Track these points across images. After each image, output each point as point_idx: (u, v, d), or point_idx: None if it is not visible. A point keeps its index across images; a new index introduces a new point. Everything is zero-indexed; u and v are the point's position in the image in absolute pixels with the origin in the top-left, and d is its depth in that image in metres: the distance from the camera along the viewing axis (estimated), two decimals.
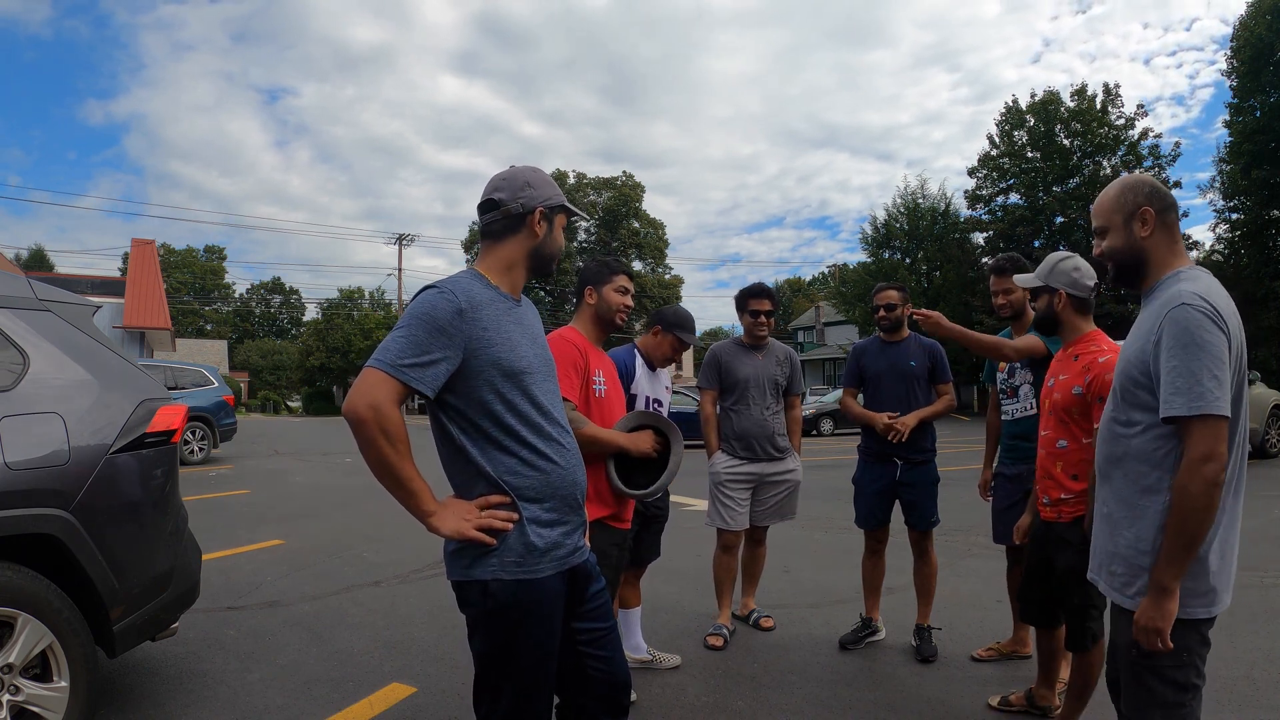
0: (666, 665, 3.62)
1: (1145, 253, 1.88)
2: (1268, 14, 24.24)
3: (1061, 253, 2.92)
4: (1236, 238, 27.15)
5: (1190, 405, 1.64)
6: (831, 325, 47.10)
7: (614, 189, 50.61)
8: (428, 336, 1.68)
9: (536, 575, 1.75)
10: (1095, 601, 2.64)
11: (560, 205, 1.91)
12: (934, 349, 4.03)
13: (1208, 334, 1.67)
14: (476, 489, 1.77)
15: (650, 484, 2.72)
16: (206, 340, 64.18)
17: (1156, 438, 1.77)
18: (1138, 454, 1.81)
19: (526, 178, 1.89)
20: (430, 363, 1.68)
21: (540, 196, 1.88)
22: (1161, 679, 1.78)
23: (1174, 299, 1.73)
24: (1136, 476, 1.81)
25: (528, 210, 1.86)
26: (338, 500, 9.00)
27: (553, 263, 1.94)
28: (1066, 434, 2.66)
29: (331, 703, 3.19)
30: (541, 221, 1.88)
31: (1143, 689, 1.81)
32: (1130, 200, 1.89)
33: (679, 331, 3.45)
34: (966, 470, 11.68)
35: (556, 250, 1.94)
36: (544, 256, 1.91)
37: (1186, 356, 1.66)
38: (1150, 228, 1.86)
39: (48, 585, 2.47)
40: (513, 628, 1.75)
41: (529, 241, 1.88)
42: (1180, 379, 1.66)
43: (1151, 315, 1.80)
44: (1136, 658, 1.80)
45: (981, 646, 3.79)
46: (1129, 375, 1.83)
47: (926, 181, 41.80)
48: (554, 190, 1.91)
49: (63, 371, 2.73)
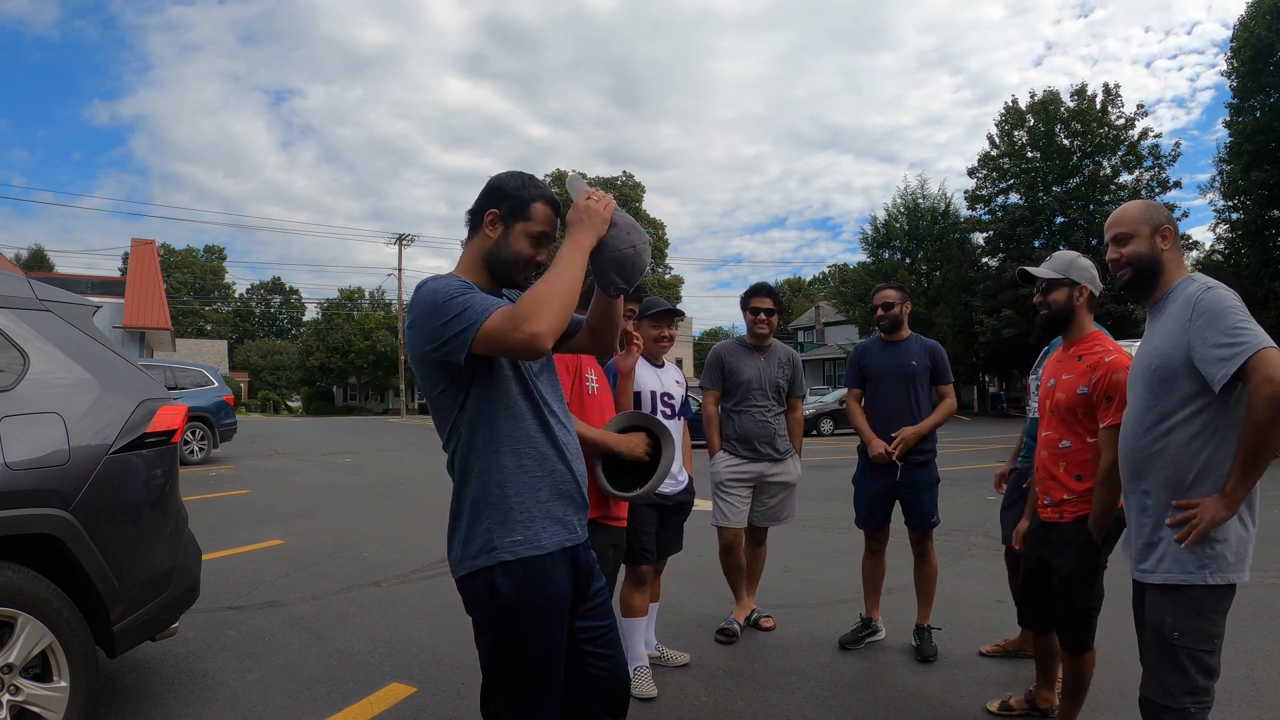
0: (675, 663, 3.62)
1: (1162, 264, 2.12)
2: (1267, 14, 24.22)
3: (1072, 251, 2.90)
4: (1236, 238, 27.14)
5: (1236, 359, 1.85)
6: (831, 325, 47.10)
7: (614, 189, 50.60)
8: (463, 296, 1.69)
9: (542, 551, 1.76)
10: (1097, 603, 2.64)
11: (513, 212, 1.82)
12: (935, 349, 4.02)
13: (1230, 299, 1.93)
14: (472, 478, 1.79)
15: (639, 486, 2.62)
16: (206, 340, 64.15)
17: (1198, 432, 1.95)
18: (1177, 450, 1.98)
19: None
20: None
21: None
22: (1195, 662, 1.94)
23: (1198, 290, 1.97)
24: (1180, 476, 1.98)
25: (481, 211, 1.86)
26: (338, 500, 9.00)
27: (512, 270, 1.85)
28: (1070, 434, 2.64)
29: (331, 703, 3.19)
30: (496, 224, 1.84)
31: (1176, 672, 1.96)
32: (1156, 215, 2.15)
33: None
34: (967, 470, 11.70)
35: (512, 257, 1.83)
36: (498, 260, 1.84)
37: (1220, 323, 1.89)
38: (1170, 243, 2.13)
39: (48, 585, 2.47)
40: (521, 622, 1.75)
41: (483, 243, 1.86)
42: (1221, 349, 1.87)
43: (1178, 310, 2.00)
44: (1179, 639, 1.96)
45: (989, 643, 3.80)
46: (1167, 369, 2.00)
47: (926, 181, 41.80)
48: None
49: (63, 371, 2.73)
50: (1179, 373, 1.96)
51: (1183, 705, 1.94)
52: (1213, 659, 1.96)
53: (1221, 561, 1.94)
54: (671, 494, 3.45)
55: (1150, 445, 2.04)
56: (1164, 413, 2.00)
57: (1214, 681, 1.97)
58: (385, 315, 53.38)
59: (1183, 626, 1.95)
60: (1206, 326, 1.90)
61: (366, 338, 51.31)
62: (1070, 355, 2.73)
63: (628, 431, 2.66)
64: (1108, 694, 3.17)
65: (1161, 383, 2.00)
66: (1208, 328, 1.90)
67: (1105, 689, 3.19)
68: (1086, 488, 2.57)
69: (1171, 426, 1.99)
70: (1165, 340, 2.01)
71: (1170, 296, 2.07)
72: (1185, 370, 1.95)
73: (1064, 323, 2.80)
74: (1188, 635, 1.95)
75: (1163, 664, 1.99)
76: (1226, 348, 1.86)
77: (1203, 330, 1.91)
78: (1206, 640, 1.95)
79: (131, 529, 2.81)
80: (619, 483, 2.64)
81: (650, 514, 3.37)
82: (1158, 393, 2.02)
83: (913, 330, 4.09)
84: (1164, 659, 1.99)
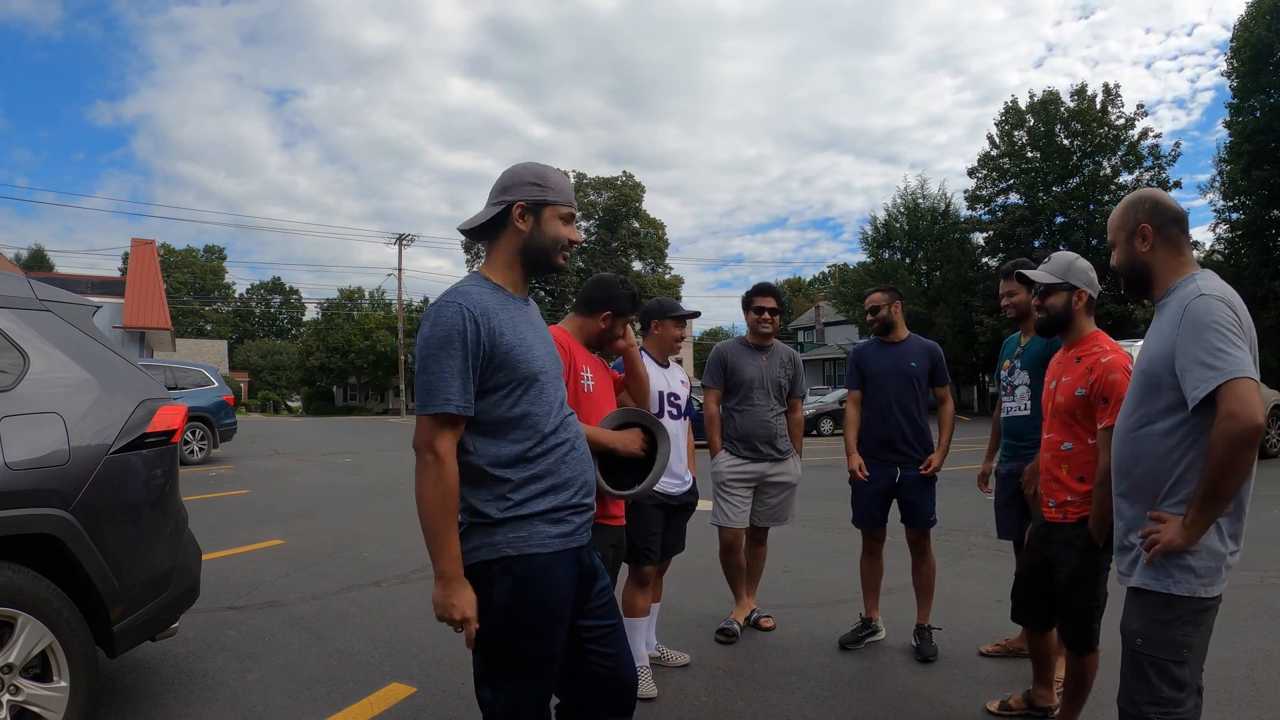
0: (675, 663, 3.62)
1: (1147, 267, 2.01)
2: (1267, 14, 24.23)
3: (1070, 253, 2.90)
4: (1236, 238, 27.15)
5: (1209, 383, 1.74)
6: (831, 325, 47.12)
7: (614, 189, 50.55)
8: (456, 360, 1.72)
9: (546, 549, 1.78)
10: (1100, 603, 2.64)
11: (541, 201, 1.86)
12: (934, 350, 4.04)
13: (1223, 315, 1.79)
14: (484, 484, 1.80)
15: (636, 484, 2.59)
16: (206, 340, 64.15)
17: (1177, 444, 1.85)
18: (1155, 459, 1.89)
19: (513, 175, 1.89)
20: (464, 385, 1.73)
21: (521, 192, 1.86)
22: (1160, 672, 1.86)
23: (1191, 294, 1.86)
24: (1155, 484, 1.90)
25: (507, 206, 1.87)
26: (338, 500, 9.00)
27: (550, 256, 1.90)
28: (1071, 435, 2.64)
29: (331, 703, 3.19)
30: (525, 216, 1.86)
31: (1141, 680, 1.89)
32: (1130, 218, 2.03)
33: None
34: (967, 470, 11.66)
35: (549, 243, 1.88)
36: (536, 250, 1.88)
37: (1202, 341, 1.77)
38: (1149, 243, 1.99)
39: (48, 585, 2.47)
40: (521, 612, 1.77)
41: (516, 239, 1.88)
42: (1198, 368, 1.77)
43: (1171, 313, 1.89)
44: (1140, 646, 1.89)
45: (989, 643, 3.81)
46: (1153, 373, 1.90)
47: (926, 181, 41.84)
48: (544, 186, 1.88)
49: (63, 371, 2.73)
50: (1163, 379, 1.88)
51: (1145, 714, 1.88)
52: (1181, 670, 1.86)
53: (1188, 574, 1.85)
54: (677, 494, 3.46)
55: (1132, 448, 1.96)
56: (1146, 417, 1.93)
57: (1184, 694, 1.86)
58: (385, 315, 53.37)
59: (1146, 634, 1.89)
60: (1189, 340, 1.80)
61: (366, 338, 51.29)
62: (1070, 357, 2.73)
63: (622, 428, 2.62)
64: (1109, 695, 3.15)
65: (1147, 387, 1.93)
66: (1190, 341, 1.80)
67: (1107, 690, 3.18)
68: (1089, 489, 2.57)
69: (1151, 433, 1.91)
70: (1157, 343, 1.92)
71: (1170, 295, 1.96)
72: (1170, 378, 1.86)
73: (1063, 326, 2.80)
74: (1151, 643, 1.88)
75: (1129, 670, 1.94)
76: (1203, 368, 1.76)
77: (1185, 343, 1.81)
78: (1173, 650, 1.86)
79: (131, 529, 2.81)
80: (615, 481, 2.60)
81: (656, 514, 3.37)
82: (1142, 397, 1.94)
83: (913, 331, 4.11)
84: (1130, 666, 1.93)
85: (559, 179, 1.91)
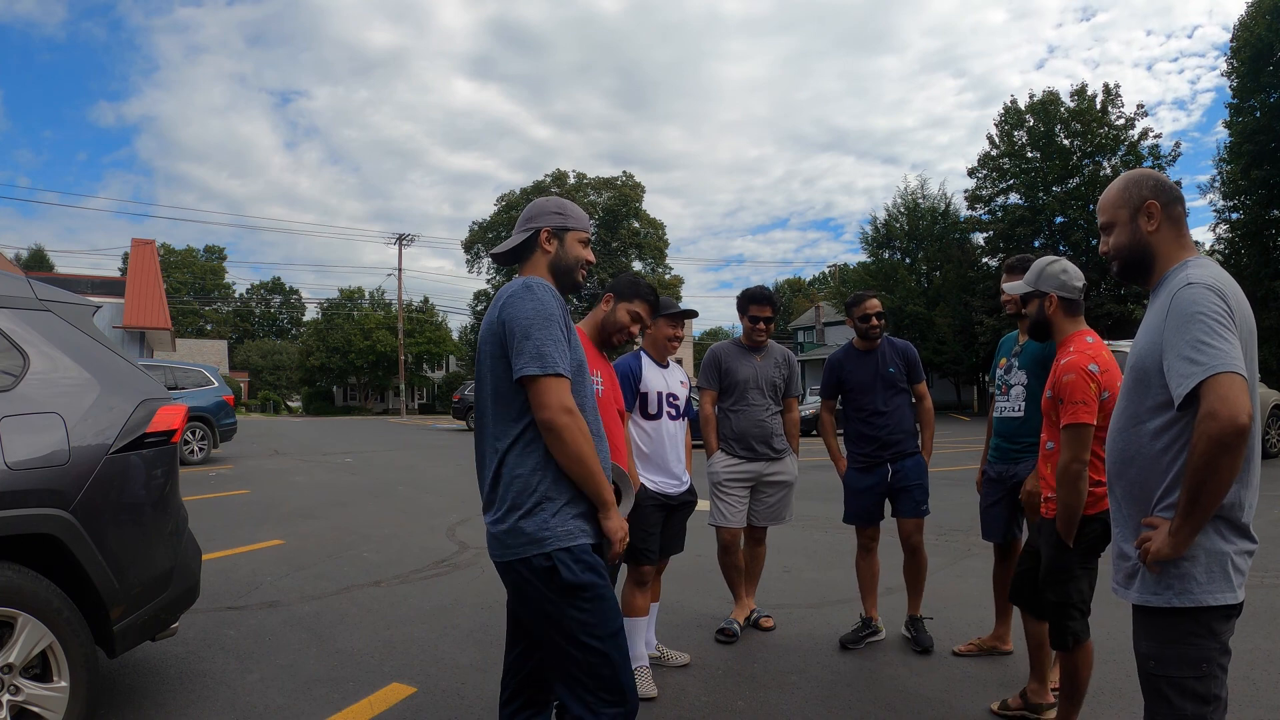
0: (675, 663, 3.63)
1: (1151, 248, 1.84)
2: (1267, 14, 24.23)
3: (1048, 257, 2.97)
4: (1236, 238, 27.15)
5: (1192, 378, 1.61)
6: (831, 325, 47.10)
7: (614, 189, 50.56)
8: (559, 331, 1.96)
9: (590, 540, 1.99)
10: (1074, 601, 2.67)
11: (564, 227, 2.16)
12: (908, 351, 4.14)
13: (1210, 304, 1.65)
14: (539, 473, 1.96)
15: None
16: (206, 340, 64.15)
17: (1169, 444, 1.72)
18: (1146, 461, 1.77)
19: (538, 206, 2.20)
20: (564, 354, 1.97)
21: (546, 220, 2.16)
22: (1180, 690, 1.71)
23: (1179, 283, 1.72)
24: (1147, 487, 1.77)
25: (535, 232, 2.15)
26: (338, 500, 8.99)
27: (572, 274, 2.18)
28: (1052, 436, 2.74)
29: (331, 703, 3.19)
30: (551, 240, 2.15)
31: (1162, 702, 1.74)
32: (1135, 194, 1.86)
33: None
34: (967, 470, 11.67)
35: (573, 262, 2.18)
36: (564, 268, 2.17)
37: (1187, 333, 1.64)
38: (1156, 222, 1.83)
39: (48, 585, 2.47)
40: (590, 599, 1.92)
41: (545, 258, 2.16)
42: (1181, 363, 1.63)
43: (1160, 304, 1.76)
44: (1154, 669, 1.75)
45: (963, 642, 3.84)
46: (1141, 369, 1.78)
47: (927, 182, 41.93)
48: (565, 215, 2.18)
49: (63, 371, 2.73)
50: (1151, 376, 1.74)
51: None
52: (1204, 685, 1.69)
53: (1189, 582, 1.69)
54: (675, 494, 3.48)
55: (1124, 448, 1.83)
56: (1135, 416, 1.79)
57: (1209, 708, 1.69)
58: (385, 315, 53.35)
59: (1157, 654, 1.74)
60: (1175, 332, 1.66)
61: (366, 338, 51.29)
62: (1056, 361, 2.81)
63: None
64: (1108, 694, 3.18)
65: (1136, 383, 1.79)
66: (1175, 334, 1.65)
67: (1105, 689, 3.20)
68: None
69: (1142, 433, 1.77)
70: (1145, 337, 1.79)
71: (1162, 284, 1.81)
72: (1158, 374, 1.71)
73: (1046, 331, 2.90)
74: (1164, 663, 1.72)
75: (1148, 694, 1.78)
76: (1186, 363, 1.61)
77: (1171, 336, 1.67)
78: (1190, 666, 1.69)
79: (132, 529, 2.81)
80: None
81: (655, 514, 3.38)
82: (1132, 394, 1.81)
83: (913, 331, 4.13)
84: (1148, 689, 1.78)
85: (576, 209, 2.22)
